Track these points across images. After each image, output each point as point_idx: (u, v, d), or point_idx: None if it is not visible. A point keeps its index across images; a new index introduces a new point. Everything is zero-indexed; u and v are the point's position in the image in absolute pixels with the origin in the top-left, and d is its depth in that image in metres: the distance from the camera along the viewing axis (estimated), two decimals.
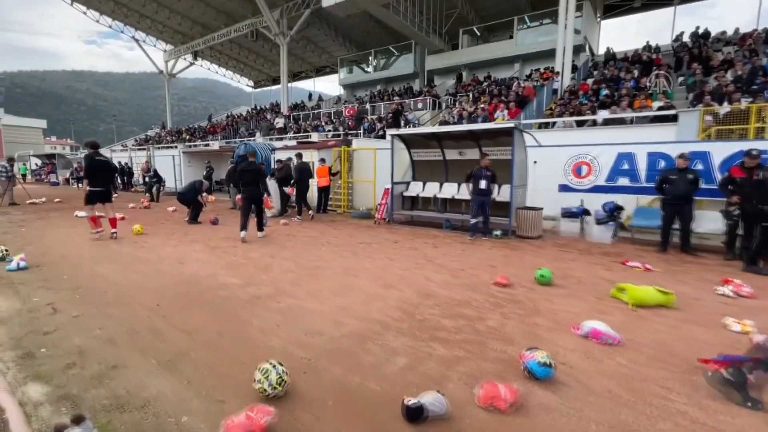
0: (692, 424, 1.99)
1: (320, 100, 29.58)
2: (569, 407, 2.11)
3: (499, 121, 11.70)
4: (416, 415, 1.97)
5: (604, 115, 10.02)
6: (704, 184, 6.02)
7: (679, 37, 17.17)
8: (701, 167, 6.39)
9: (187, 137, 27.51)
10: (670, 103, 9.90)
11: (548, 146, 8.29)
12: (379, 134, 15.02)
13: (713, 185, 6.18)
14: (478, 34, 22.79)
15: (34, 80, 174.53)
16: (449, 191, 8.82)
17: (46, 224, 8.50)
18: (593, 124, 10.09)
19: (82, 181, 6.85)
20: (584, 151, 7.64)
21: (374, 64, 26.54)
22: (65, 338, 2.92)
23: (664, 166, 6.73)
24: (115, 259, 5.46)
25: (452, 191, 8.76)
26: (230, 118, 30.62)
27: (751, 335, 3.00)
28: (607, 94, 11.56)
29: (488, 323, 3.25)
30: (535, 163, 8.32)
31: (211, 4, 25.31)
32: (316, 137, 15.94)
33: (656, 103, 10.07)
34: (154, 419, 1.99)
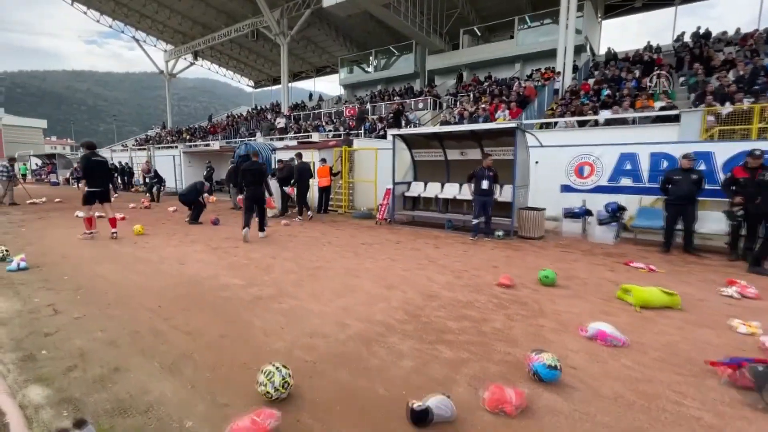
0: (708, 430, 1.94)
1: (320, 100, 29.55)
2: (578, 411, 2.08)
3: (500, 121, 11.67)
4: (422, 418, 1.94)
5: (606, 115, 9.99)
6: (707, 184, 5.99)
7: (680, 37, 17.15)
8: (704, 167, 6.36)
9: (187, 137, 27.48)
10: (672, 103, 9.87)
11: (550, 146, 8.26)
12: (379, 134, 15.00)
13: (716, 186, 6.16)
14: (478, 34, 22.78)
15: (34, 80, 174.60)
16: (451, 191, 8.79)
17: (46, 224, 8.47)
18: (595, 124, 10.06)
19: (81, 181, 6.81)
20: (587, 151, 7.60)
21: (375, 64, 26.52)
22: (66, 340, 2.89)
23: (667, 166, 6.70)
24: (115, 259, 5.43)
25: (454, 191, 8.73)
26: (230, 118, 30.60)
27: (758, 337, 2.97)
28: (608, 94, 11.54)
29: (493, 325, 3.23)
30: (536, 163, 8.30)
31: (211, 4, 25.29)
32: (316, 137, 15.93)
33: (658, 103, 10.05)
34: (157, 424, 1.96)
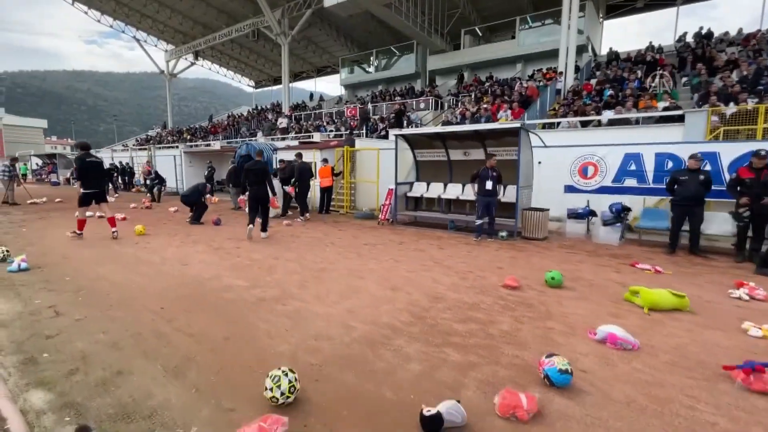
0: None
1: (321, 100, 29.50)
2: (591, 416, 2.03)
3: (502, 121, 11.63)
4: (434, 424, 1.89)
5: (609, 115, 9.95)
6: (713, 185, 5.94)
7: (682, 37, 17.11)
8: (710, 168, 6.30)
9: (188, 137, 27.44)
10: (675, 103, 9.83)
11: (554, 147, 8.22)
12: (381, 134, 14.96)
13: (722, 186, 6.10)
14: (479, 34, 22.72)
15: (34, 80, 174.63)
16: (454, 192, 8.74)
17: (47, 224, 8.42)
18: (598, 124, 10.02)
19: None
20: (591, 151, 7.55)
21: (376, 64, 26.45)
22: (68, 342, 2.85)
23: (671, 166, 6.66)
24: (117, 260, 5.38)
25: (457, 192, 8.69)
26: (231, 118, 30.56)
27: None
28: (611, 94, 11.48)
29: (500, 327, 3.18)
30: (539, 163, 8.24)
31: (212, 3, 25.25)
32: (318, 137, 15.89)
33: (661, 103, 10.00)
34: (161, 429, 1.91)
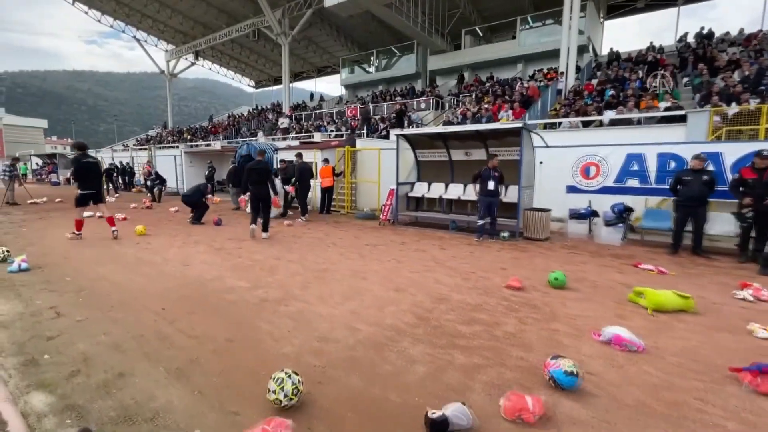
0: None
1: (321, 100, 29.48)
2: (600, 420, 2.01)
3: (503, 121, 11.61)
4: (440, 428, 1.87)
5: (611, 115, 9.92)
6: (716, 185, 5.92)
7: (683, 37, 17.10)
8: (713, 168, 6.28)
9: (188, 137, 27.42)
10: (677, 103, 9.81)
11: (556, 147, 8.19)
12: (381, 134, 14.93)
13: (724, 187, 6.08)
14: (480, 34, 22.71)
15: (35, 80, 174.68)
16: (455, 192, 8.72)
17: (47, 224, 8.40)
18: (599, 124, 9.99)
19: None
20: (593, 151, 7.53)
21: (376, 64, 26.44)
22: (69, 344, 2.82)
23: (674, 167, 6.63)
24: (118, 260, 5.36)
25: (458, 192, 8.66)
26: (231, 118, 30.54)
27: None
28: (612, 94, 11.47)
29: (505, 329, 3.15)
30: (540, 163, 8.22)
31: (212, 3, 25.23)
32: (318, 137, 15.87)
33: (663, 103, 9.98)
34: None
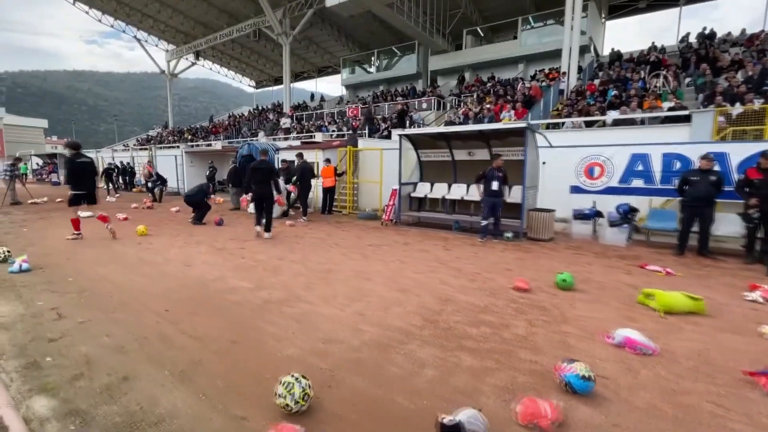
0: None
1: (322, 100, 29.44)
2: (615, 425, 1.96)
3: (505, 121, 11.56)
4: None
5: (614, 115, 9.88)
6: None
7: (685, 38, 17.06)
8: (718, 168, 6.24)
9: (189, 137, 27.37)
10: (680, 103, 9.76)
11: (559, 147, 8.14)
12: (383, 134, 14.89)
13: (730, 187, 6.03)
14: (481, 34, 22.66)
15: (35, 80, 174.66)
16: (458, 192, 8.66)
17: (48, 224, 8.35)
18: (603, 124, 9.95)
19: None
20: (597, 151, 7.48)
21: (377, 64, 26.38)
22: (72, 346, 2.77)
23: (679, 167, 6.59)
24: (119, 260, 5.31)
25: (461, 192, 8.61)
26: (232, 118, 30.49)
27: None
28: (615, 94, 11.42)
29: (514, 331, 3.10)
30: (544, 164, 8.17)
31: (213, 3, 25.18)
32: (320, 137, 15.82)
33: (666, 103, 9.94)
34: None
